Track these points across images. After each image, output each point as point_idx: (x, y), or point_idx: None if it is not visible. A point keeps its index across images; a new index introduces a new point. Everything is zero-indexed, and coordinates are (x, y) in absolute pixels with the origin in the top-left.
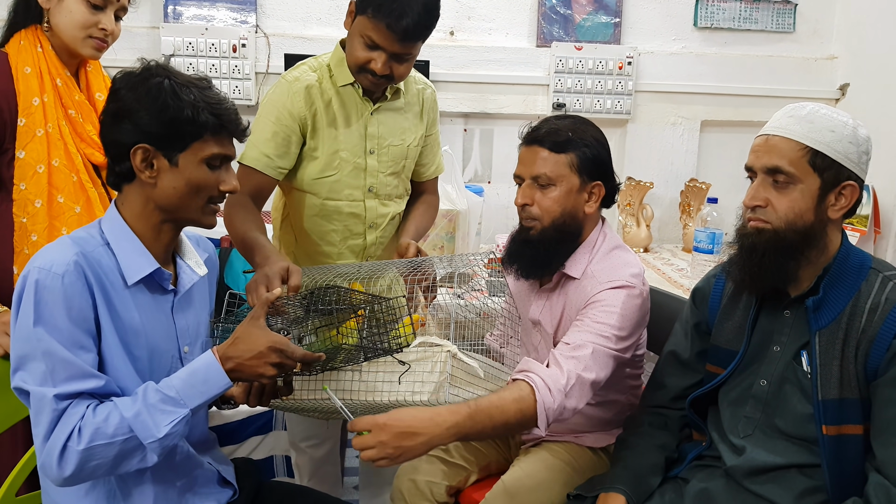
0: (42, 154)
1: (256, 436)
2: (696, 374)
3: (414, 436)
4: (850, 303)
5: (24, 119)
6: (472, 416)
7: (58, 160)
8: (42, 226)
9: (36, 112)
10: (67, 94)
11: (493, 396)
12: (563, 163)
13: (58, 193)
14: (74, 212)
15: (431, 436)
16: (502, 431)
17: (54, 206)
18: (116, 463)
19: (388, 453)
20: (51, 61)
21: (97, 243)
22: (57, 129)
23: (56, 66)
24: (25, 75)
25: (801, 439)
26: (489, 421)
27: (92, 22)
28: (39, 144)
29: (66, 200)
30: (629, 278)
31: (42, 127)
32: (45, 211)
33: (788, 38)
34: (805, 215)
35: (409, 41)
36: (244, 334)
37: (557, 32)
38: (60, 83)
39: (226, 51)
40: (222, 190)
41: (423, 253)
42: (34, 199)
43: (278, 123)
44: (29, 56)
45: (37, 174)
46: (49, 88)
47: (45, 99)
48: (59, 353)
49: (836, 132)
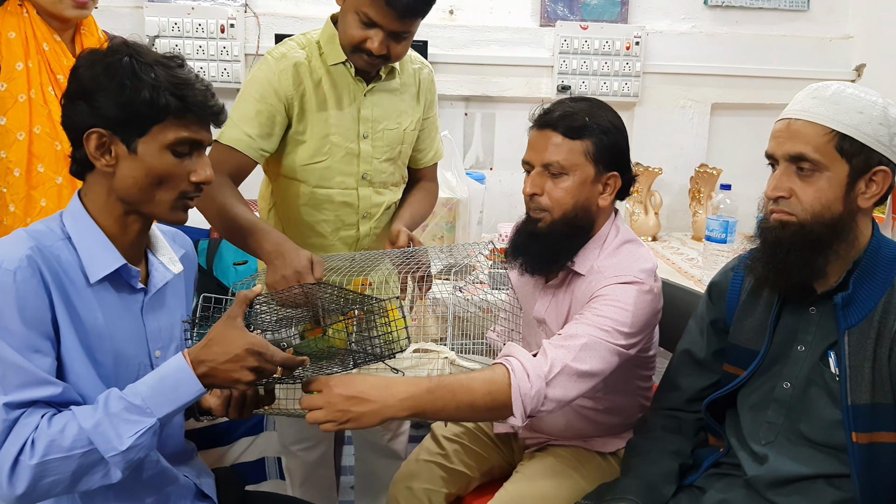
0: (24, 121)
1: (247, 437)
2: (712, 375)
3: (364, 402)
4: (882, 299)
5: (6, 84)
6: (432, 391)
7: (39, 127)
8: (20, 195)
9: (19, 77)
10: (55, 59)
11: (462, 375)
12: (577, 150)
13: (38, 162)
14: (55, 182)
15: (383, 405)
16: (469, 413)
17: (34, 176)
18: (75, 479)
19: (336, 416)
20: (37, 26)
21: (56, 237)
22: (41, 96)
23: (42, 31)
24: (9, 40)
25: (828, 447)
26: (451, 398)
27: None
28: (21, 111)
29: (46, 170)
30: (637, 273)
31: (25, 92)
32: (23, 180)
33: (803, 17)
34: (833, 206)
35: (409, 18)
36: (218, 335)
37: (562, 11)
38: (48, 48)
39: (213, 31)
40: (193, 181)
41: (416, 241)
42: (13, 168)
43: (263, 102)
44: (13, 20)
45: (17, 142)
46: (34, 53)
47: (30, 64)
48: (10, 357)
49: (865, 113)
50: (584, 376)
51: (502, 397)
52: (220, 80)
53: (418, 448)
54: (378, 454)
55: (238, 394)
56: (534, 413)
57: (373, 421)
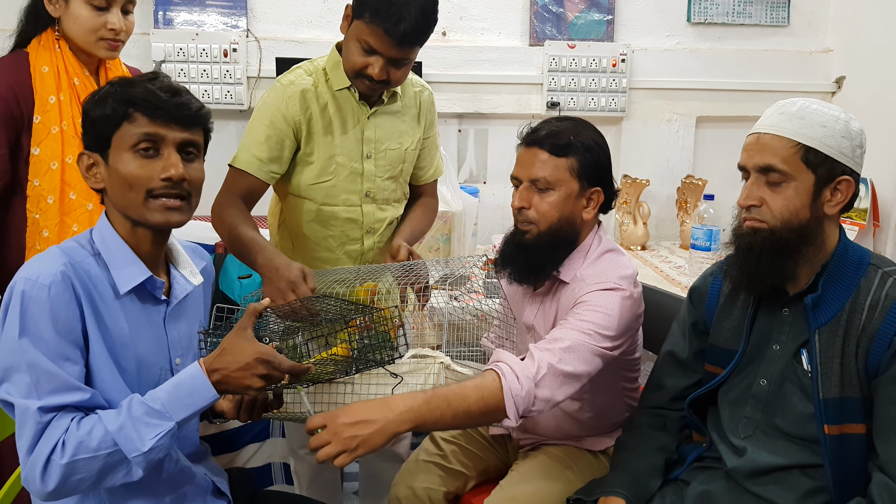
0: (56, 151)
1: (254, 443)
2: (694, 375)
3: (368, 423)
4: (849, 300)
5: (40, 116)
6: (429, 402)
7: (71, 157)
8: (53, 222)
9: (51, 110)
10: (85, 92)
11: (455, 385)
12: (562, 167)
13: (70, 190)
14: (86, 209)
15: (386, 421)
16: (465, 420)
17: (66, 203)
18: (101, 477)
19: (346, 444)
20: (68, 61)
21: (87, 253)
22: (72, 127)
23: (73, 66)
24: (42, 74)
25: (802, 439)
26: (447, 407)
27: (99, 24)
28: (54, 141)
29: (77, 197)
30: (617, 280)
31: (57, 124)
32: (56, 207)
33: (783, 32)
34: (800, 213)
35: (407, 46)
36: (231, 345)
37: (550, 31)
38: (78, 82)
39: (217, 56)
40: (162, 178)
41: (415, 255)
42: (47, 196)
43: (272, 127)
44: (47, 55)
45: (50, 171)
46: (65, 87)
47: (62, 97)
48: (43, 365)
49: (828, 127)
50: (569, 377)
51: (494, 401)
52: (224, 102)
53: (418, 449)
54: (381, 457)
55: (249, 398)
56: (526, 413)
57: (380, 439)
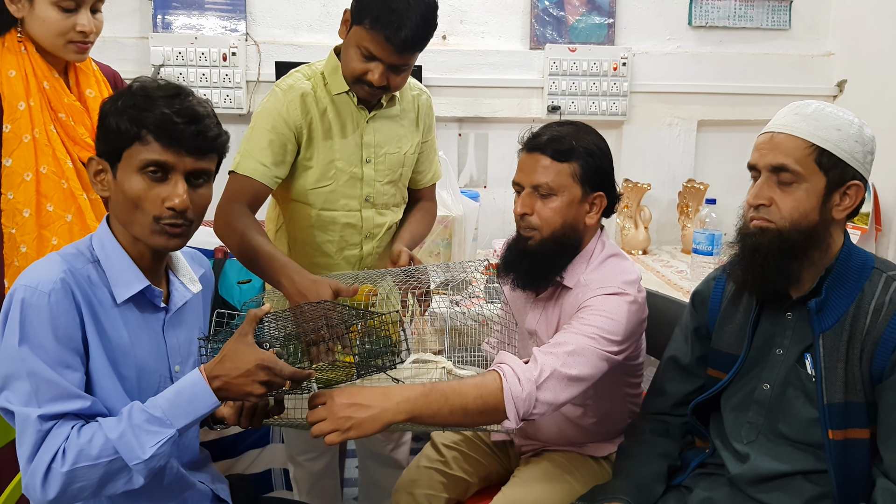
0: (29, 161)
1: (253, 449)
2: (697, 380)
3: (364, 408)
4: (853, 304)
5: (10, 125)
6: (426, 395)
7: (45, 167)
8: (31, 236)
9: (22, 117)
10: (56, 97)
11: (455, 381)
12: (565, 172)
13: (47, 202)
14: (65, 220)
15: (382, 409)
16: (462, 417)
17: (43, 215)
18: (101, 485)
19: (339, 424)
20: (36, 63)
21: (86, 260)
22: (44, 135)
23: (42, 69)
24: (10, 79)
25: (806, 445)
26: (445, 402)
27: (68, 26)
28: (26, 151)
29: (55, 209)
30: (621, 285)
31: (28, 132)
32: (33, 220)
33: (784, 36)
34: (809, 215)
35: (407, 52)
36: (231, 352)
37: (551, 34)
38: (48, 86)
39: (216, 60)
40: (167, 206)
41: (416, 260)
42: (22, 209)
43: (274, 132)
44: (13, 58)
45: (24, 182)
46: (35, 92)
47: (32, 103)
48: (44, 373)
49: (843, 130)
50: (573, 380)
51: (494, 401)
52: (223, 106)
53: (419, 455)
54: (380, 464)
55: (250, 405)
56: (526, 416)
57: (373, 426)
